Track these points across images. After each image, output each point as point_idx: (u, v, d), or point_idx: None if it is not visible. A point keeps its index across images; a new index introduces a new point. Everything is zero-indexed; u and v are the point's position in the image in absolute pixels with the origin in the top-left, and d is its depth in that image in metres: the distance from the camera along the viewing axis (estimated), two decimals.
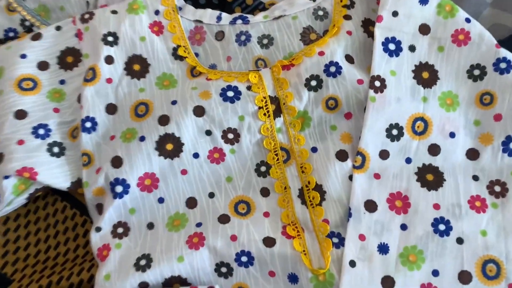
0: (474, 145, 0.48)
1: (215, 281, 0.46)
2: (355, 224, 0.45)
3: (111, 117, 0.51)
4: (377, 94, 0.47)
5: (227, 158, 0.50)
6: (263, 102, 0.50)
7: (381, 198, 0.46)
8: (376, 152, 0.48)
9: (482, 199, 0.46)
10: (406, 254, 0.44)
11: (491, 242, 0.44)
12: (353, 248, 0.44)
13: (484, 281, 0.43)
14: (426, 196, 0.46)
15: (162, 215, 0.49)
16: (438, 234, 0.45)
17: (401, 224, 0.45)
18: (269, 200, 0.49)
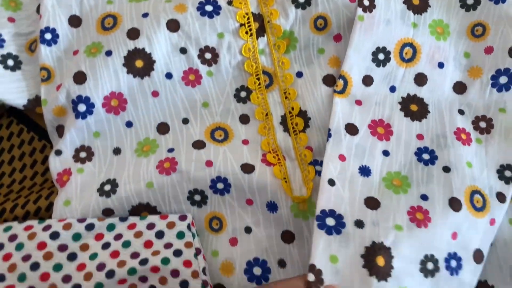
0: (462, 78, 0.45)
1: (187, 210, 0.43)
2: (334, 144, 0.41)
3: (75, 31, 0.45)
4: (366, 13, 0.44)
5: (204, 81, 0.45)
6: (245, 18, 0.45)
7: (362, 123, 0.43)
8: (359, 77, 0.44)
9: (467, 133, 0.44)
10: (390, 178, 0.41)
11: (476, 175, 0.42)
12: (332, 167, 0.41)
13: (473, 211, 0.41)
14: (409, 126, 0.43)
15: (130, 140, 0.44)
16: (422, 163, 0.42)
17: (383, 150, 0.42)
18: (248, 127, 0.45)
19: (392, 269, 0.37)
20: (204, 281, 0.39)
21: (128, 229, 0.41)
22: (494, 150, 0.43)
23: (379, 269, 0.36)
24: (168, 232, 0.41)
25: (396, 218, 0.38)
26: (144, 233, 0.40)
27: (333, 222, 0.38)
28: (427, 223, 0.38)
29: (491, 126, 0.44)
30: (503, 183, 0.42)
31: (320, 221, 0.38)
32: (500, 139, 0.44)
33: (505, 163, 0.43)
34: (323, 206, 0.38)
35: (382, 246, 0.37)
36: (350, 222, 0.38)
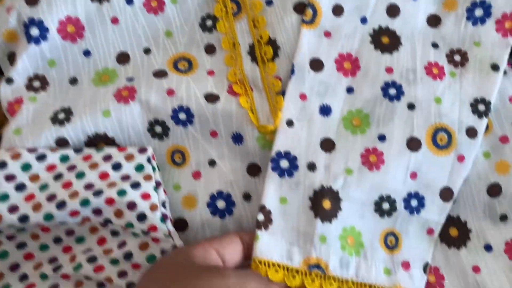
0: (437, 11, 0.43)
1: (147, 142, 0.40)
2: (297, 83, 0.40)
3: None
4: None
5: (167, 8, 0.43)
6: None
7: (329, 58, 0.41)
8: (329, 7, 0.42)
9: (440, 66, 0.42)
10: (350, 118, 0.40)
11: (445, 110, 0.40)
12: (292, 107, 0.39)
13: (434, 150, 0.39)
14: (378, 59, 0.41)
15: (88, 70, 0.42)
16: (387, 99, 0.40)
17: (348, 87, 0.40)
18: (214, 58, 0.42)
19: (340, 211, 0.38)
20: (163, 214, 0.37)
21: (83, 161, 0.38)
22: (469, 83, 0.41)
23: (324, 212, 0.37)
24: (126, 164, 0.38)
25: (348, 161, 0.39)
26: (100, 164, 0.38)
27: (287, 164, 0.38)
28: (379, 165, 0.38)
29: (466, 60, 0.42)
30: (476, 117, 0.40)
31: (274, 163, 0.38)
32: (474, 72, 0.42)
33: (479, 96, 0.41)
34: (279, 147, 0.38)
35: (329, 190, 0.38)
36: (303, 165, 0.38)
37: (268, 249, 0.36)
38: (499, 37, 0.42)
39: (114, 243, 0.37)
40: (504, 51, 0.42)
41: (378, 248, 0.38)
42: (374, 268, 0.37)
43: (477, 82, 0.41)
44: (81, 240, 0.38)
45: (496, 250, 0.40)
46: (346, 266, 0.37)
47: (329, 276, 0.36)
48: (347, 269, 0.37)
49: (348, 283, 0.36)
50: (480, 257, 0.40)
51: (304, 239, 0.37)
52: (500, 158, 0.41)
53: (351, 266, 0.37)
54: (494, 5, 0.42)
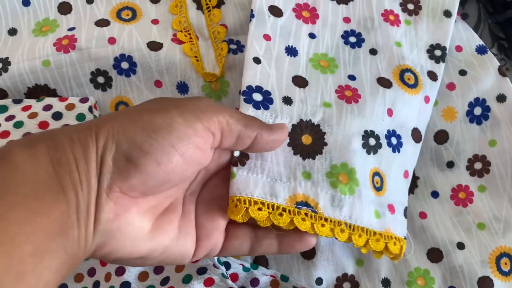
0: None
1: (90, 93, 0.39)
2: (258, 25, 0.38)
3: None
4: None
5: None
6: None
7: (286, 7, 0.40)
8: None
9: (396, 14, 0.41)
10: (317, 59, 0.39)
11: (406, 53, 0.40)
12: (257, 46, 0.37)
13: (404, 87, 0.38)
14: (335, 9, 0.41)
15: (27, 20, 0.40)
16: (349, 46, 0.40)
17: (309, 33, 0.39)
18: (159, 6, 0.41)
19: (325, 146, 0.34)
20: None
21: (22, 111, 0.37)
22: (423, 30, 0.41)
23: (303, 148, 0.33)
24: (66, 113, 0.37)
25: (324, 96, 0.36)
26: (39, 114, 0.37)
27: (260, 98, 0.34)
28: (357, 99, 0.36)
29: (419, 8, 0.42)
30: (433, 62, 0.40)
31: (247, 95, 0.34)
32: (428, 19, 0.42)
33: (434, 42, 0.41)
34: (248, 82, 0.35)
35: (309, 123, 0.34)
36: (278, 99, 0.35)
37: (247, 186, 0.31)
38: None
39: None
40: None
41: (369, 188, 0.34)
42: (367, 209, 0.33)
43: (431, 29, 0.41)
44: None
45: (443, 196, 0.40)
46: (339, 205, 0.32)
47: (320, 217, 0.32)
48: (340, 209, 0.32)
49: (341, 224, 0.32)
50: (427, 203, 0.40)
51: (287, 175, 0.33)
52: (447, 105, 0.41)
53: (345, 205, 0.32)
54: None
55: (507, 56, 0.46)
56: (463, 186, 0.40)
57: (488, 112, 0.40)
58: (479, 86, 0.41)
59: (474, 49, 0.42)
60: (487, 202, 0.39)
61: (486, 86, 0.41)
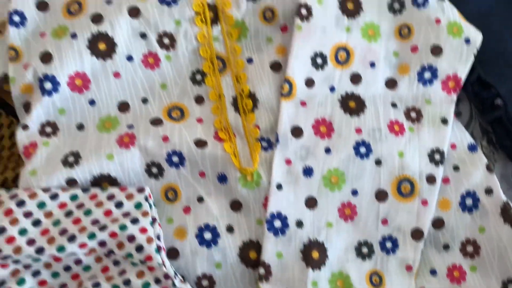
0: (393, 74, 0.51)
1: (145, 181, 0.47)
2: (282, 150, 0.47)
3: (42, 14, 0.49)
4: (303, 22, 0.48)
5: (162, 64, 0.49)
6: (201, 8, 0.50)
7: (307, 124, 0.48)
8: (302, 80, 0.49)
9: (401, 124, 0.49)
10: (329, 176, 0.47)
11: (407, 163, 0.47)
12: (280, 172, 0.46)
13: (399, 198, 0.47)
14: (348, 121, 0.48)
15: (92, 117, 0.48)
16: (359, 157, 0.47)
17: (325, 148, 0.47)
18: (203, 107, 0.49)
19: (327, 259, 0.45)
20: (158, 246, 0.43)
21: (90, 199, 0.44)
22: (425, 136, 0.49)
23: (314, 261, 0.44)
24: (127, 202, 0.44)
25: (328, 215, 0.46)
26: (104, 203, 0.44)
27: (279, 224, 0.45)
28: (353, 216, 0.46)
29: (421, 115, 0.50)
30: (433, 166, 0.48)
31: (269, 224, 0.45)
32: (429, 126, 0.49)
33: (434, 147, 0.48)
34: (272, 209, 0.45)
35: (316, 242, 0.45)
36: (292, 223, 0.46)
37: None
38: (445, 95, 0.50)
39: (115, 271, 0.44)
40: (450, 106, 0.50)
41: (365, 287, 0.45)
42: None
43: (431, 135, 0.49)
44: (88, 269, 0.44)
45: (440, 274, 0.47)
46: None
47: None
48: None
49: None
50: (426, 280, 0.47)
51: (299, 285, 0.44)
52: (443, 197, 0.48)
53: None
54: (440, 68, 0.50)
55: (495, 148, 0.54)
56: (457, 266, 0.47)
57: (478, 203, 0.48)
58: (470, 180, 0.48)
59: (467, 147, 0.50)
60: (478, 281, 0.46)
61: (476, 180, 0.48)
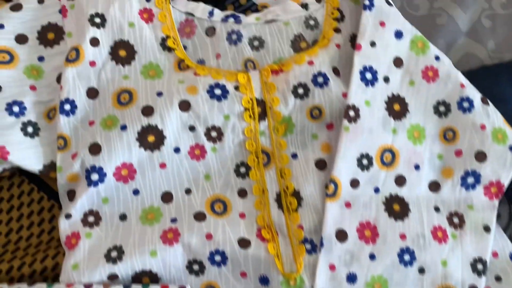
0: (437, 177, 0.51)
1: (185, 277, 0.46)
2: (326, 254, 0.46)
3: (92, 102, 0.49)
4: (351, 124, 0.49)
5: (208, 156, 0.50)
6: (250, 104, 0.50)
7: (351, 227, 0.47)
8: (347, 181, 0.49)
9: (444, 230, 0.49)
10: (372, 283, 0.46)
11: (450, 272, 0.47)
12: (324, 278, 0.46)
13: None
14: (393, 226, 0.48)
15: (136, 207, 0.48)
16: (403, 264, 0.47)
17: (370, 254, 0.47)
18: (246, 201, 0.49)
19: None
20: None
21: None
22: (467, 244, 0.48)
23: None
24: None
25: None
26: None
27: None
28: None
29: (463, 221, 0.49)
30: (476, 276, 0.47)
31: None
32: (471, 233, 0.49)
33: (477, 256, 0.48)
34: None
35: None
36: None
37: None
38: (487, 200, 0.50)
39: None
40: (492, 212, 0.50)
41: None
42: None
43: (474, 243, 0.48)
44: None
45: None
46: None
47: None
48: None
49: None
50: None
51: None
52: None
53: None
54: (483, 174, 0.50)
55: None
56: None
57: None
58: None
59: (509, 256, 0.49)
60: None
61: None
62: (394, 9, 0.53)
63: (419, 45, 0.53)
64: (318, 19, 0.55)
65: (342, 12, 0.55)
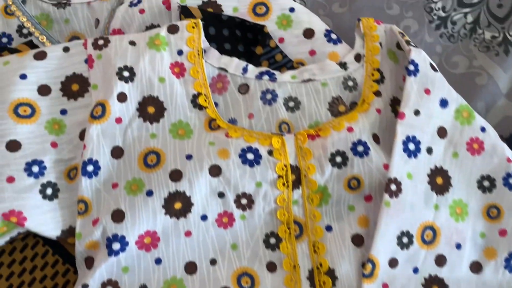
0: (478, 258, 0.48)
1: None
2: None
3: (116, 162, 0.46)
4: (392, 199, 0.46)
5: (236, 224, 0.46)
6: (284, 171, 0.47)
7: None
8: (386, 260, 0.45)
9: None
10: None
11: None
12: None
13: None
14: None
15: (157, 278, 0.45)
16: None
17: None
18: (275, 276, 0.46)
19: None
20: None
21: None
22: None
23: None
24: None
25: None
26: None
27: None
28: None
29: None
30: None
31: None
32: None
33: None
34: None
35: None
36: None
37: None
38: None
39: None
40: None
41: None
42: None
43: None
44: None
45: None
46: None
47: None
48: None
49: None
50: None
51: None
52: None
53: None
54: None
55: None
56: None
57: None
58: None
59: None
60: None
61: None
62: (439, 74, 0.50)
63: (465, 114, 0.50)
64: (357, 80, 0.52)
65: (382, 73, 0.52)
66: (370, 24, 0.53)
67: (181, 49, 0.50)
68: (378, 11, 0.62)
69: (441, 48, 0.61)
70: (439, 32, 0.61)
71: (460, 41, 0.62)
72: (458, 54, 0.61)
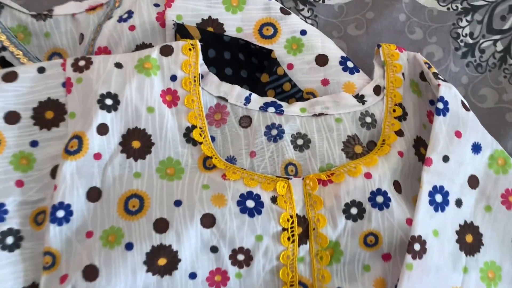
0: None
1: None
2: None
3: (92, 206, 0.39)
4: (415, 260, 0.39)
5: (231, 283, 0.40)
6: (289, 222, 0.40)
7: None
8: None
9: None
10: None
11: None
12: None
13: None
14: None
15: None
16: None
17: None
18: None
19: None
20: None
21: None
22: None
23: None
24: None
25: None
26: None
27: None
28: None
29: None
30: None
31: None
32: None
33: None
34: None
35: None
36: None
37: None
38: None
39: None
40: None
41: None
42: None
43: None
44: None
45: None
46: None
47: None
48: None
49: None
50: None
51: None
52: None
53: None
54: None
55: None
56: None
57: None
58: None
59: None
60: None
61: None
62: (472, 114, 0.43)
63: (500, 162, 0.43)
64: (376, 116, 0.45)
65: (404, 108, 0.45)
66: (392, 51, 0.47)
67: (174, 74, 0.43)
68: (399, 35, 0.55)
69: (467, 79, 0.55)
70: (466, 60, 0.55)
71: (488, 71, 0.55)
72: (486, 86, 0.55)
